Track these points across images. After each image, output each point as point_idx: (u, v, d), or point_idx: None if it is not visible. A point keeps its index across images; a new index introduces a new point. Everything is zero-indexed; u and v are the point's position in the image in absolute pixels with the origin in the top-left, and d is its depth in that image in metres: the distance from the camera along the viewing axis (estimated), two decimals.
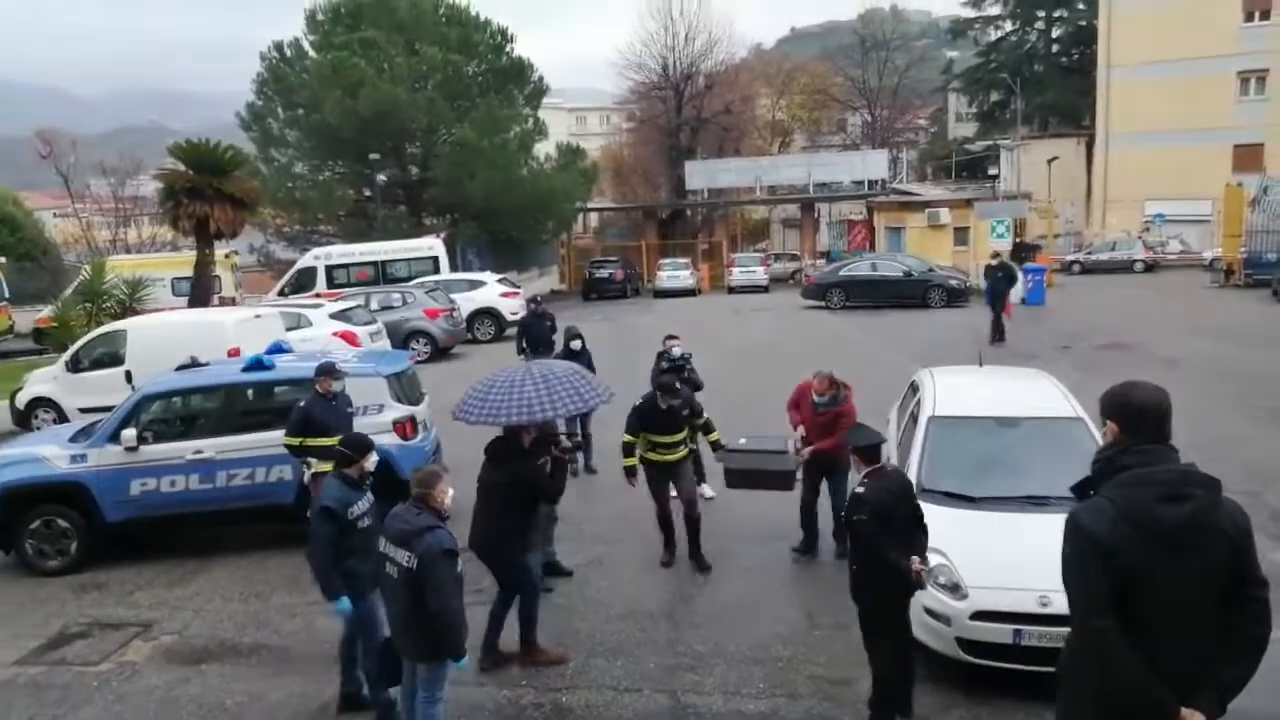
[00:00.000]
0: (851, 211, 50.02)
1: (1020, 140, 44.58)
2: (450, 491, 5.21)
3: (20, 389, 15.51)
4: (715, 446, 8.49)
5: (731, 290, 36.84)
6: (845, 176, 45.06)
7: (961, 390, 8.18)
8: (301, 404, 8.52)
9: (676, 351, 10.44)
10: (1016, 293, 26.98)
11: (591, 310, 30.58)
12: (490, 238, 35.98)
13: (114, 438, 9.16)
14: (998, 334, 19.88)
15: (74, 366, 14.80)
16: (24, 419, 14.99)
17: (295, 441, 8.33)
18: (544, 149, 38.56)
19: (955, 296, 28.07)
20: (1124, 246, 38.50)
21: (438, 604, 4.85)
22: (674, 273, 37.02)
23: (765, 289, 36.53)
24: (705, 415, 8.50)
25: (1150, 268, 37.23)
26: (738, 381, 15.84)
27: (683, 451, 8.28)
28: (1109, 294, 28.97)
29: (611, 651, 6.71)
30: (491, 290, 25.73)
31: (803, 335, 22.89)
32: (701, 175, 45.70)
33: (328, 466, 7.60)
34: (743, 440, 8.32)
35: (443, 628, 4.90)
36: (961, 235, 37.63)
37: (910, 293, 28.07)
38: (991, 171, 42.63)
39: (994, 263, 21.12)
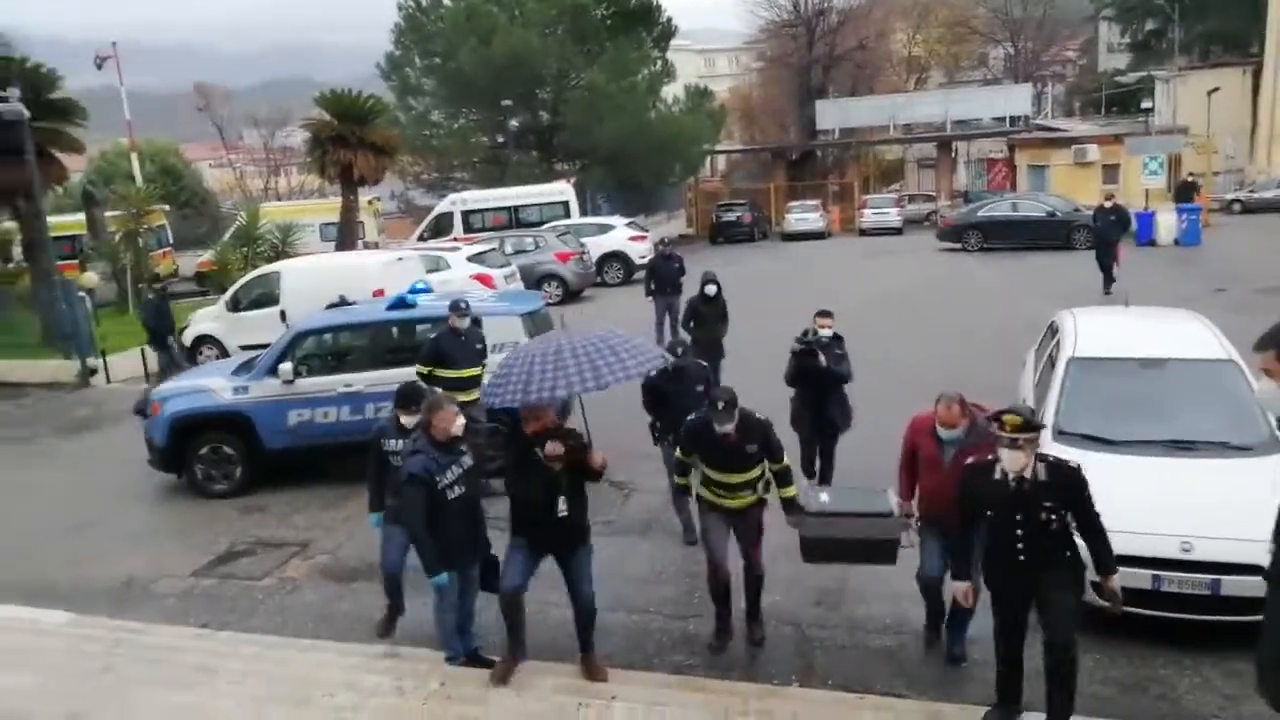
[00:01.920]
0: (991, 150, 47.91)
1: (1178, 71, 41.54)
2: (458, 421, 5.58)
3: (186, 328, 16.73)
4: (790, 507, 5.97)
5: (863, 233, 35.97)
6: (985, 113, 43.13)
7: (1103, 331, 7.86)
8: (433, 337, 9.01)
9: (825, 333, 8.02)
10: (1168, 232, 25.76)
11: (718, 254, 30.43)
12: (619, 182, 36.14)
13: (272, 371, 9.79)
14: (1109, 282, 18.15)
15: (234, 306, 15.87)
16: (190, 355, 16.18)
17: (425, 370, 8.76)
18: (672, 92, 38.31)
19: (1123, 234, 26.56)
20: None
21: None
22: (803, 215, 36.34)
23: (899, 231, 35.51)
24: (785, 461, 6.02)
25: None
26: (868, 333, 15.59)
27: (749, 497, 6.02)
28: (1272, 235, 26.97)
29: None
30: (620, 234, 25.94)
31: (937, 279, 22.25)
32: (833, 115, 44.54)
33: (459, 396, 8.14)
34: (824, 498, 6.13)
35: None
36: (1111, 173, 35.54)
37: (1053, 234, 26.76)
38: (1145, 105, 39.87)
39: (1107, 204, 19.62)
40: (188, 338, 16.41)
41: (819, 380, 7.93)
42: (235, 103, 62.77)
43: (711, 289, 11.34)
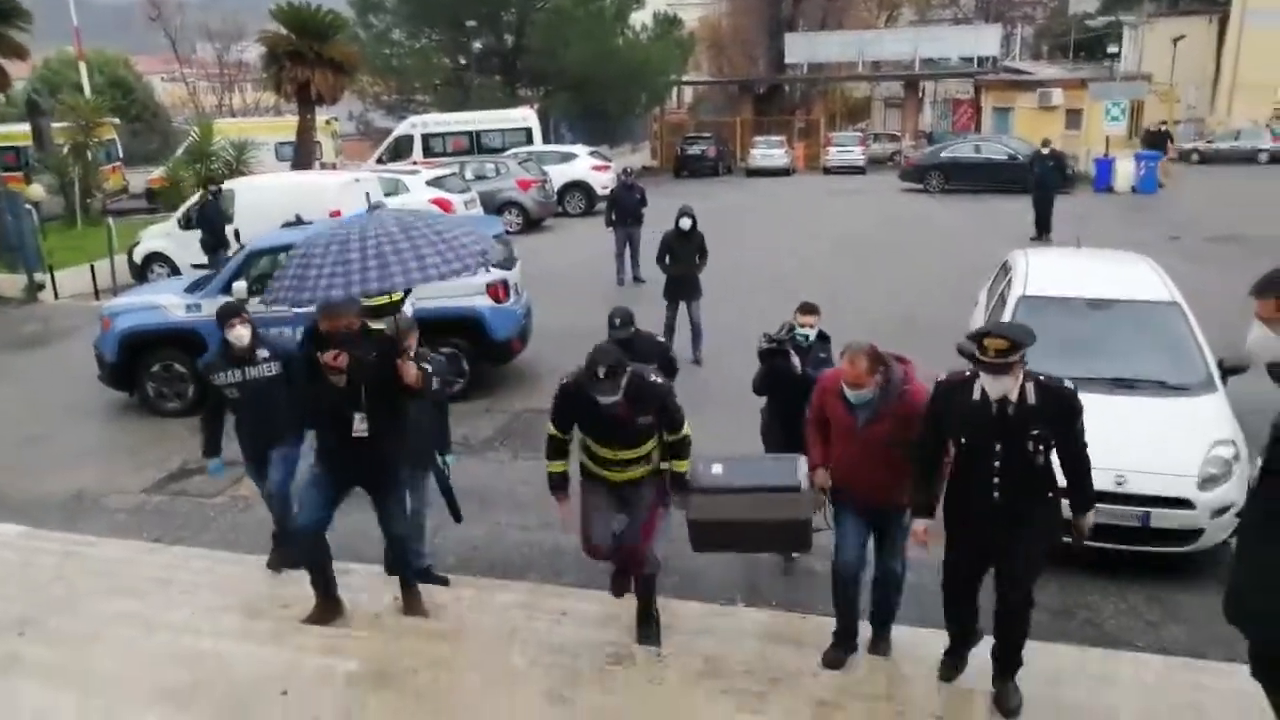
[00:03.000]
0: (958, 91, 47.80)
1: (1145, 18, 41.63)
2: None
3: (136, 244, 16.40)
4: (678, 484, 4.96)
5: (827, 171, 35.92)
6: (954, 53, 42.86)
7: (1054, 271, 8.01)
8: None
9: (808, 332, 6.12)
10: (1126, 179, 26.05)
11: (682, 188, 30.27)
12: (583, 110, 35.62)
13: (226, 289, 9.66)
14: (1042, 229, 18.03)
15: (185, 224, 15.52)
16: (140, 273, 15.90)
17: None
18: (640, 18, 37.58)
19: (1063, 181, 26.92)
20: (1249, 136, 36.00)
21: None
22: (768, 151, 36.14)
23: (862, 170, 35.51)
24: (685, 430, 4.94)
25: (1277, 159, 34.91)
26: (826, 273, 15.74)
27: (638, 471, 4.97)
28: (1227, 185, 27.41)
29: None
30: (583, 163, 25.66)
31: (897, 219, 22.38)
32: (801, 49, 44.04)
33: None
34: (717, 470, 4.92)
35: None
36: (1074, 118, 35.66)
37: (1014, 177, 26.81)
38: (1110, 50, 39.91)
39: (1045, 150, 19.34)
40: (138, 255, 16.11)
41: (793, 388, 5.79)
42: (188, 14, 60.46)
43: (686, 223, 10.97)
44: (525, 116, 28.40)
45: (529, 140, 27.29)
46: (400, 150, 27.01)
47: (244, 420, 5.88)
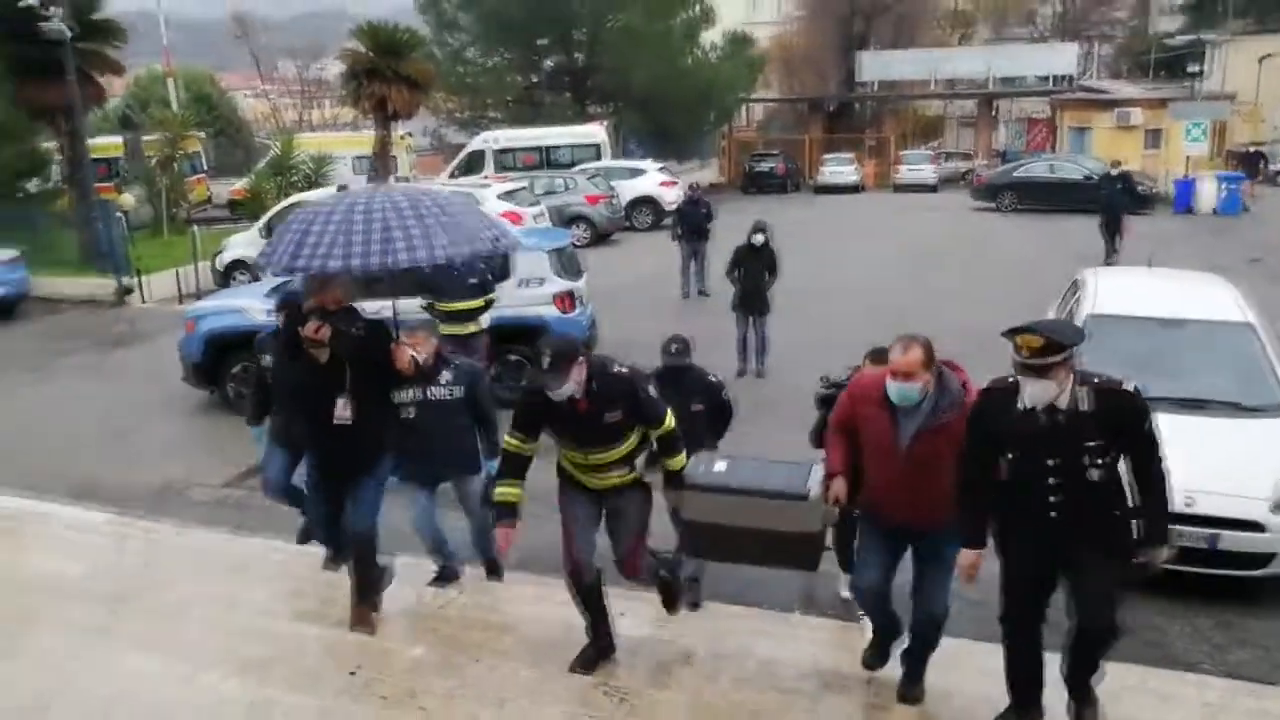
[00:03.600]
0: (1034, 110, 47.06)
1: (1230, 35, 40.53)
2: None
3: (220, 252, 17.09)
4: (672, 481, 4.46)
5: (897, 189, 35.67)
6: (1029, 71, 42.22)
7: (1124, 289, 7.94)
8: (428, 270, 9.15)
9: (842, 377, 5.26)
10: (1208, 200, 25.37)
11: (749, 204, 30.36)
12: (652, 127, 35.93)
13: (295, 295, 10.03)
14: (1112, 250, 17.38)
15: (267, 233, 16.12)
16: (224, 278, 16.56)
17: (425, 302, 8.95)
18: (710, 37, 37.82)
19: (1139, 202, 26.34)
20: None
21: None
22: (837, 168, 36.01)
23: (933, 188, 35.16)
24: (670, 423, 4.41)
25: None
26: (889, 288, 15.68)
27: (622, 476, 4.48)
28: None
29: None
30: (651, 179, 25.92)
31: (966, 238, 22.16)
32: (873, 67, 43.85)
33: (452, 329, 8.55)
34: (720, 468, 4.44)
35: None
36: (1154, 138, 34.90)
37: (1090, 197, 26.31)
38: (1192, 69, 38.95)
39: (1114, 171, 18.92)
40: (222, 262, 16.81)
41: None
42: (272, 33, 62.65)
43: (759, 238, 10.96)
44: (595, 133, 28.81)
45: (598, 156, 27.64)
46: (473, 165, 27.55)
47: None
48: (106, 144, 26.08)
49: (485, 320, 9.08)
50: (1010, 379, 3.74)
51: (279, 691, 4.25)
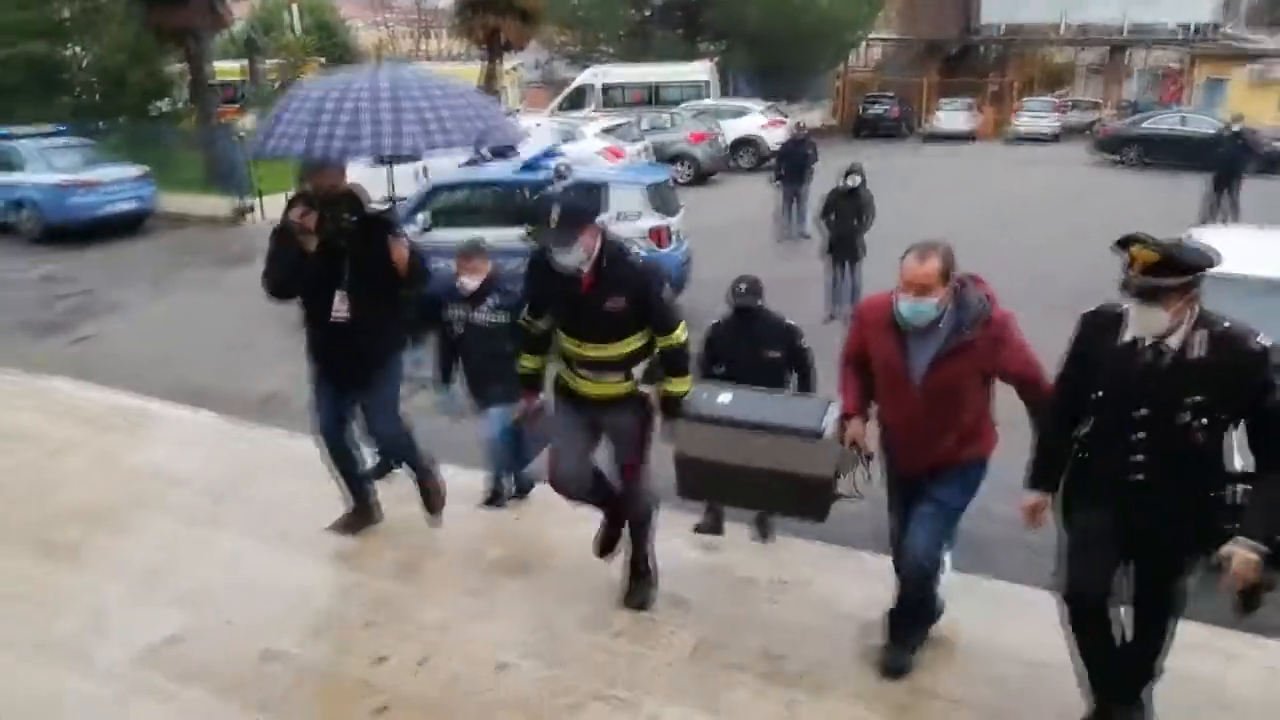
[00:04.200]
0: (1170, 60, 44.43)
1: None
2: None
3: None
4: (669, 407, 4.00)
5: (1014, 139, 34.31)
6: (1169, 18, 39.82)
7: (1232, 249, 7.55)
8: (534, 199, 9.51)
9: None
10: None
11: (858, 148, 29.68)
12: (763, 66, 35.27)
13: (409, 220, 10.36)
14: (1221, 209, 15.98)
15: (375, 160, 16.56)
16: None
17: (528, 231, 9.21)
18: None
19: (1263, 163, 24.69)
20: None
21: None
22: (951, 113, 34.74)
23: (1054, 139, 33.68)
24: (680, 335, 3.93)
25: None
26: (991, 235, 15.23)
27: (618, 385, 4.00)
28: None
29: None
30: (756, 119, 25.58)
31: (1079, 189, 21.26)
32: (999, 8, 41.93)
33: None
34: (725, 397, 4.00)
35: None
36: None
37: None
38: None
39: (1235, 128, 17.29)
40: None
41: None
42: None
43: (855, 179, 10.64)
44: (703, 70, 28.50)
45: (705, 94, 27.37)
46: (579, 100, 27.62)
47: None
48: (230, 68, 27.03)
49: None
50: (1120, 306, 3.15)
51: (368, 577, 4.54)
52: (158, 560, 4.10)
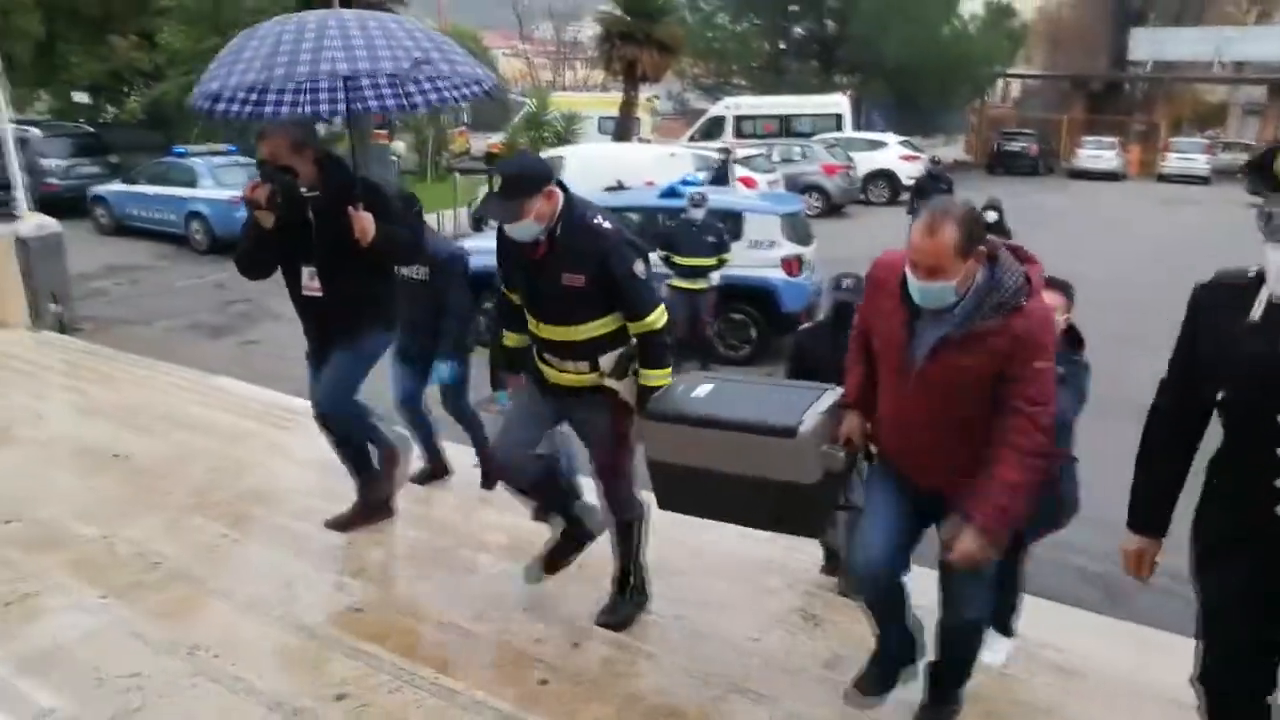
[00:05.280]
0: None
1: None
2: None
3: (474, 201, 18.54)
4: (644, 402, 3.35)
5: (1162, 178, 33.02)
6: None
7: None
8: (670, 223, 9.76)
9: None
10: None
11: (994, 185, 29.10)
12: (899, 100, 35.06)
13: None
14: None
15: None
16: (477, 224, 17.97)
17: (663, 253, 9.48)
18: (971, 7, 36.33)
19: None
20: None
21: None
22: (1096, 152, 33.69)
23: (1205, 180, 32.28)
24: (656, 320, 3.35)
25: None
26: (1141, 276, 14.81)
27: (585, 375, 3.45)
28: None
29: None
30: (891, 152, 25.45)
31: (1235, 233, 20.32)
32: (1148, 45, 40.48)
33: (684, 284, 9.27)
34: (703, 390, 3.32)
35: None
36: None
37: None
38: None
39: None
40: (475, 212, 18.26)
41: None
42: None
43: (992, 215, 10.46)
44: (837, 103, 28.56)
45: (839, 126, 27.41)
46: (712, 130, 28.03)
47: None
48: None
49: (716, 278, 9.51)
50: (1251, 272, 2.34)
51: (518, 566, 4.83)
52: (333, 540, 4.46)
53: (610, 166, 14.57)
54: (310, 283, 4.06)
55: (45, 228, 10.30)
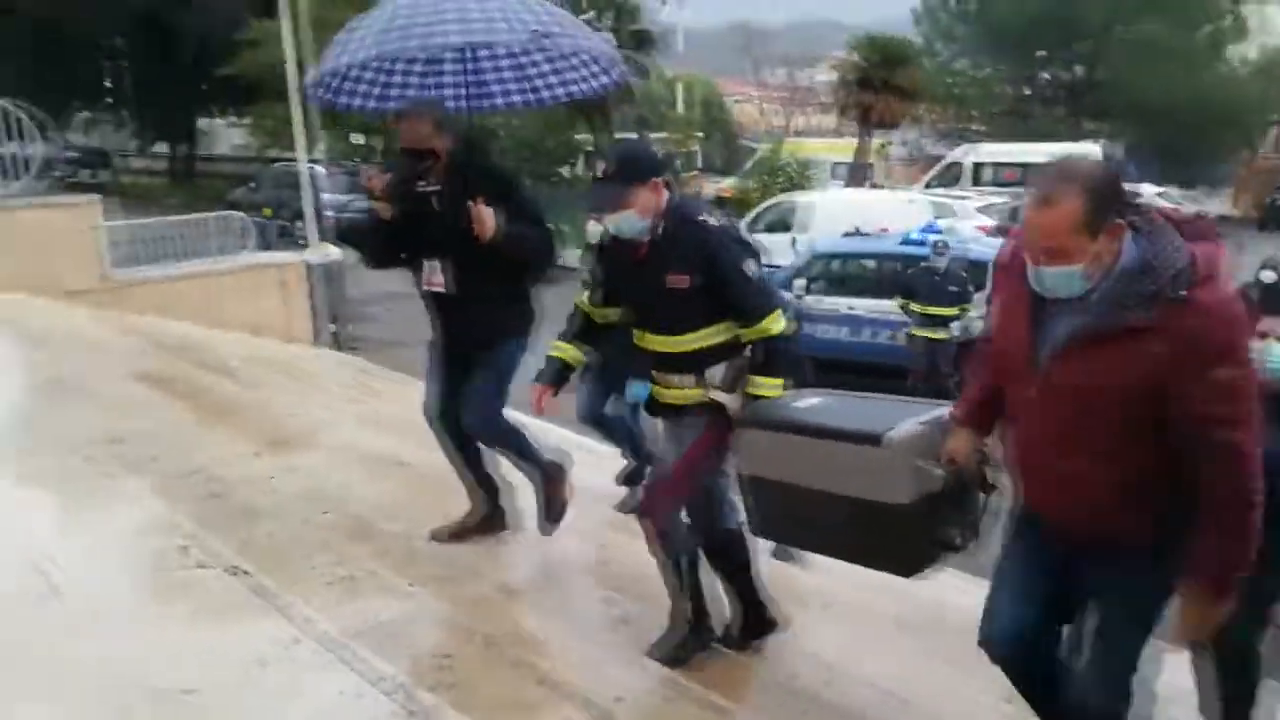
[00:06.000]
0: None
1: None
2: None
3: None
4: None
5: None
6: None
7: None
8: (910, 271, 9.68)
9: None
10: None
11: (1266, 242, 26.66)
12: (1154, 148, 32.89)
13: (786, 286, 10.99)
14: None
15: (752, 228, 17.61)
16: None
17: (902, 302, 9.48)
18: (1242, 51, 33.65)
19: None
20: None
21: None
22: None
23: None
24: (773, 324, 3.03)
25: None
26: None
27: (680, 389, 3.15)
28: None
29: None
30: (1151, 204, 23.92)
31: None
32: None
33: (925, 332, 9.28)
34: (811, 401, 2.99)
35: None
36: None
37: None
38: None
39: None
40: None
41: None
42: (766, 41, 66.60)
43: (1269, 275, 9.89)
44: (1090, 152, 27.14)
45: None
46: (948, 177, 27.37)
47: None
48: (623, 139, 29.82)
49: (956, 329, 9.36)
50: None
51: None
52: (589, 554, 4.71)
53: (848, 212, 14.60)
54: (432, 277, 3.83)
55: (329, 256, 11.56)
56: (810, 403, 2.95)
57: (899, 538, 2.64)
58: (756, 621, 3.42)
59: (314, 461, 5.61)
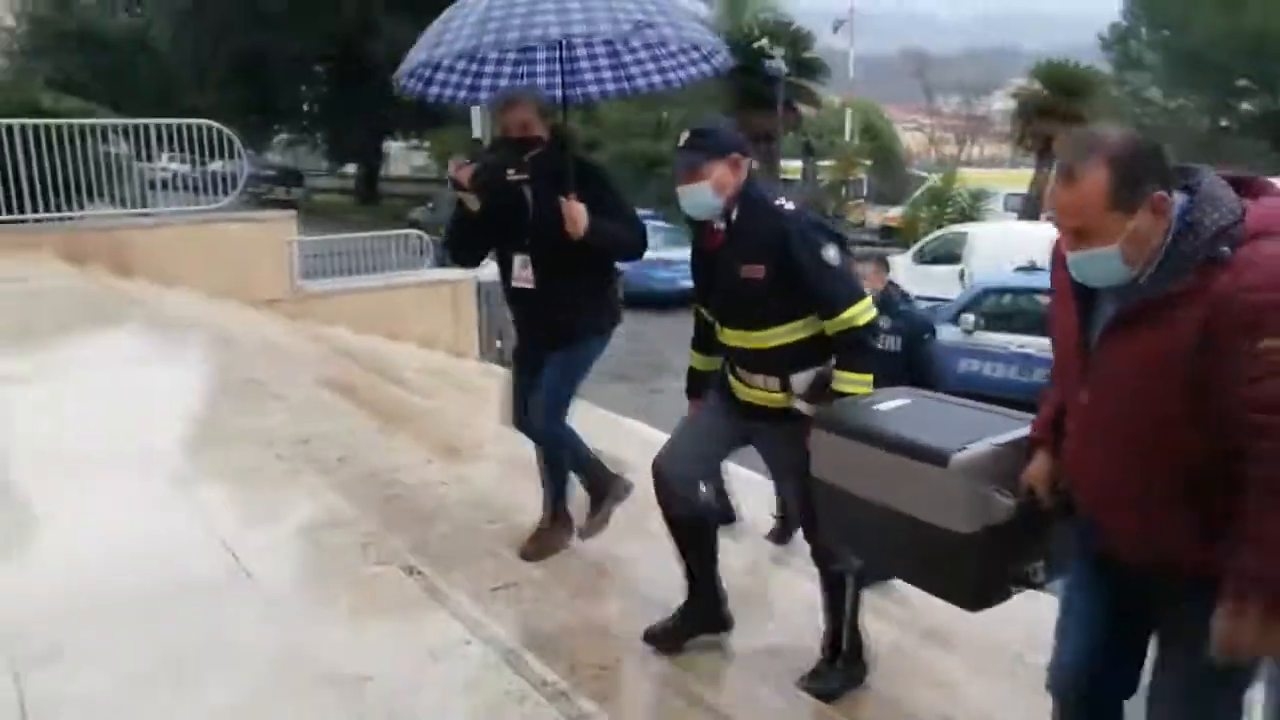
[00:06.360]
0: None
1: None
2: None
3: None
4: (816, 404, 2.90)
5: None
6: None
7: None
8: None
9: None
10: None
11: None
12: None
13: (954, 320, 10.68)
14: None
15: (919, 259, 17.23)
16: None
17: None
18: None
19: None
20: None
21: None
22: None
23: None
24: (857, 314, 2.80)
25: None
26: None
27: (765, 391, 2.98)
28: None
29: None
30: None
31: None
32: None
33: None
34: (891, 404, 2.70)
35: None
36: None
37: None
38: None
39: None
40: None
41: None
42: (939, 68, 65.09)
43: None
44: None
45: None
46: None
47: None
48: (790, 166, 29.76)
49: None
50: None
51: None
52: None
53: (1021, 245, 14.06)
54: (521, 272, 3.71)
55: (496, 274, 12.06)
56: (893, 405, 2.70)
57: (960, 567, 2.39)
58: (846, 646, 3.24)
59: (483, 472, 5.83)
